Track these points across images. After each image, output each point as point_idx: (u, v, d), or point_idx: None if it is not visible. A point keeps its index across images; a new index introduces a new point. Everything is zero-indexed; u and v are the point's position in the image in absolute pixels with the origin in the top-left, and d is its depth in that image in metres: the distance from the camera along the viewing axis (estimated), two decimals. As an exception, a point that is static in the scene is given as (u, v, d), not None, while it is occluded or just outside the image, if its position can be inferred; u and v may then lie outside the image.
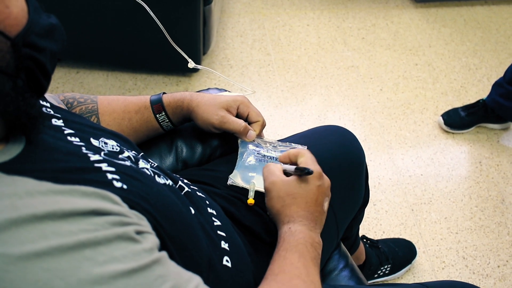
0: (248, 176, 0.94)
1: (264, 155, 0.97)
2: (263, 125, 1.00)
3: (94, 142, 0.65)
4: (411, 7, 2.60)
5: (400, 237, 1.67)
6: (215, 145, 1.10)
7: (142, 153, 0.78)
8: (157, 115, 0.96)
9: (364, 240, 1.53)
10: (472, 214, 1.76)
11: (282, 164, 0.86)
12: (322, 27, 2.47)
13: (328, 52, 2.34)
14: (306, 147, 0.99)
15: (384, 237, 1.69)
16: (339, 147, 1.05)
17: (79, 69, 2.16)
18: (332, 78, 2.21)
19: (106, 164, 0.58)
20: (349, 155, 1.06)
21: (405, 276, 1.59)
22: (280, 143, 1.01)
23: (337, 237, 1.05)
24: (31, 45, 0.51)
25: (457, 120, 2.00)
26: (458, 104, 2.12)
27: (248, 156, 0.97)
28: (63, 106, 0.90)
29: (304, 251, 0.73)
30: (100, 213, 0.49)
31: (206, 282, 0.64)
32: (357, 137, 1.11)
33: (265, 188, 0.83)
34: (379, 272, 1.51)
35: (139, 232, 0.51)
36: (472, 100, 2.13)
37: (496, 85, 1.89)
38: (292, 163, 0.85)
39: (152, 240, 0.52)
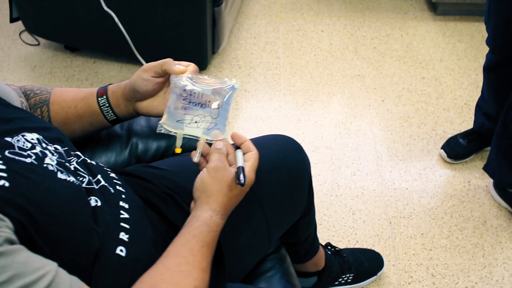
0: (178, 118, 0.92)
1: (192, 90, 0.92)
2: (196, 68, 0.97)
3: (7, 138, 0.73)
4: (429, 20, 2.58)
5: (373, 248, 1.70)
6: (170, 144, 1.19)
7: (66, 148, 0.85)
8: (99, 98, 0.98)
9: (329, 247, 1.57)
10: (450, 233, 1.76)
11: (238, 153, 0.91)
12: (335, 34, 2.50)
13: (337, 59, 2.37)
14: (238, 84, 0.96)
15: (357, 246, 1.72)
16: (280, 157, 1.10)
17: (96, 59, 2.30)
18: (336, 86, 2.24)
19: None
20: (290, 165, 1.11)
21: (369, 286, 1.62)
22: (214, 79, 0.95)
23: (269, 243, 1.10)
24: None
25: (460, 149, 1.95)
26: (458, 121, 2.11)
27: (179, 92, 0.93)
28: (23, 99, 0.99)
29: (201, 237, 0.80)
30: None
31: (89, 269, 0.72)
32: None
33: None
34: (340, 280, 1.55)
35: None
36: (473, 118, 2.11)
37: (478, 107, 1.88)
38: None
39: (2, 237, 0.58)
